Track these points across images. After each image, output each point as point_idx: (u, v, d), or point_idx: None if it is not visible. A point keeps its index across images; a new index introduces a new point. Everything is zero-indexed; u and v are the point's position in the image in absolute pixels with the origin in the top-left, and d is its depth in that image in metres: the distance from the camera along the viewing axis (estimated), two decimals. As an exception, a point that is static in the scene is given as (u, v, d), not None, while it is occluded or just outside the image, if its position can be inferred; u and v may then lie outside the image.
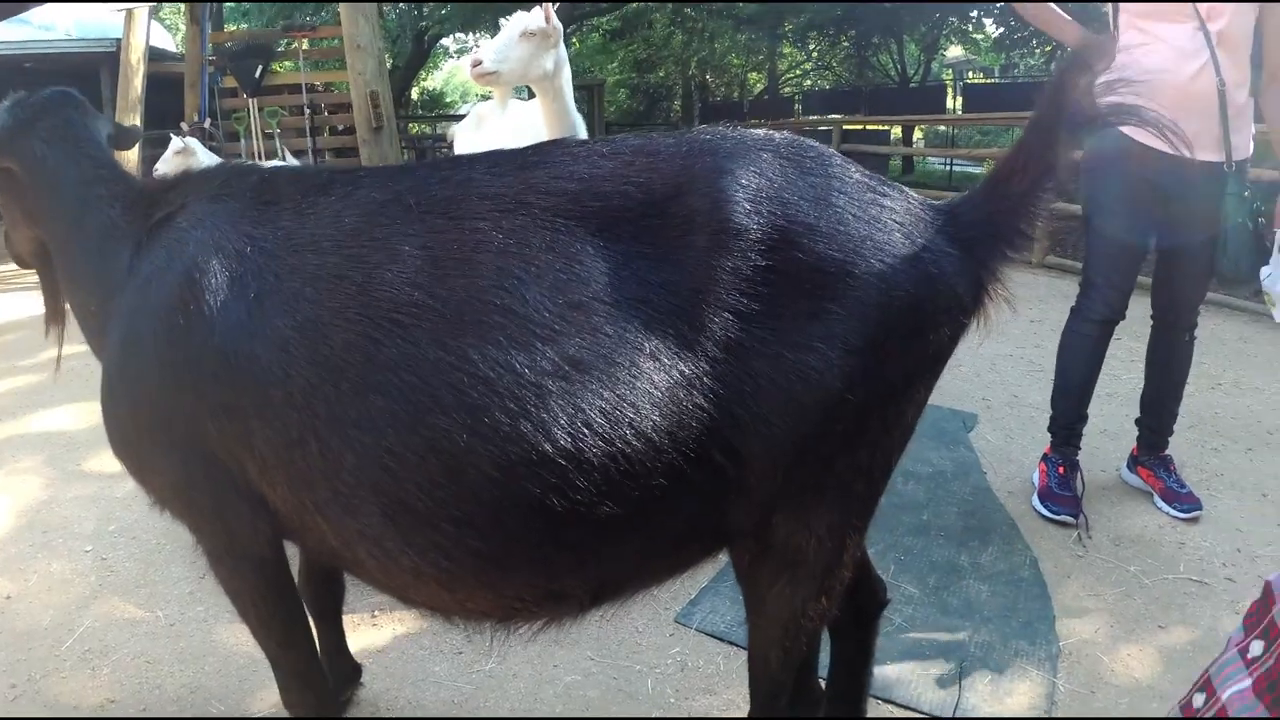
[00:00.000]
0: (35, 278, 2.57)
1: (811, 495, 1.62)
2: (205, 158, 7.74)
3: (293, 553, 1.93)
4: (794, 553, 1.67)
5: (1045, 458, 3.74)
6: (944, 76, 29.91)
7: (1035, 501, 3.66)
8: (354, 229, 1.64)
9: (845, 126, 14.52)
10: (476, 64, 3.77)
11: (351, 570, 1.80)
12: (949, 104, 24.95)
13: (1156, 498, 3.67)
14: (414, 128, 25.35)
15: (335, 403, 1.53)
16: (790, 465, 1.55)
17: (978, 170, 19.36)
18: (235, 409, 1.64)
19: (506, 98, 5.15)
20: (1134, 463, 3.85)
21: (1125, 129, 2.44)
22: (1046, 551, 3.33)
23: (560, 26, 3.70)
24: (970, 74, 30.35)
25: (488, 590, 1.62)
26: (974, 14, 21.26)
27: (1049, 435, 3.76)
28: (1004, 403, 4.79)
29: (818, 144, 1.66)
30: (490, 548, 1.54)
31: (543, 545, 1.54)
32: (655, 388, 1.45)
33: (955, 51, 27.40)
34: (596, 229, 1.53)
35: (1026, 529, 3.50)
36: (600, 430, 1.44)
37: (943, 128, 21.94)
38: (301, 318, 1.58)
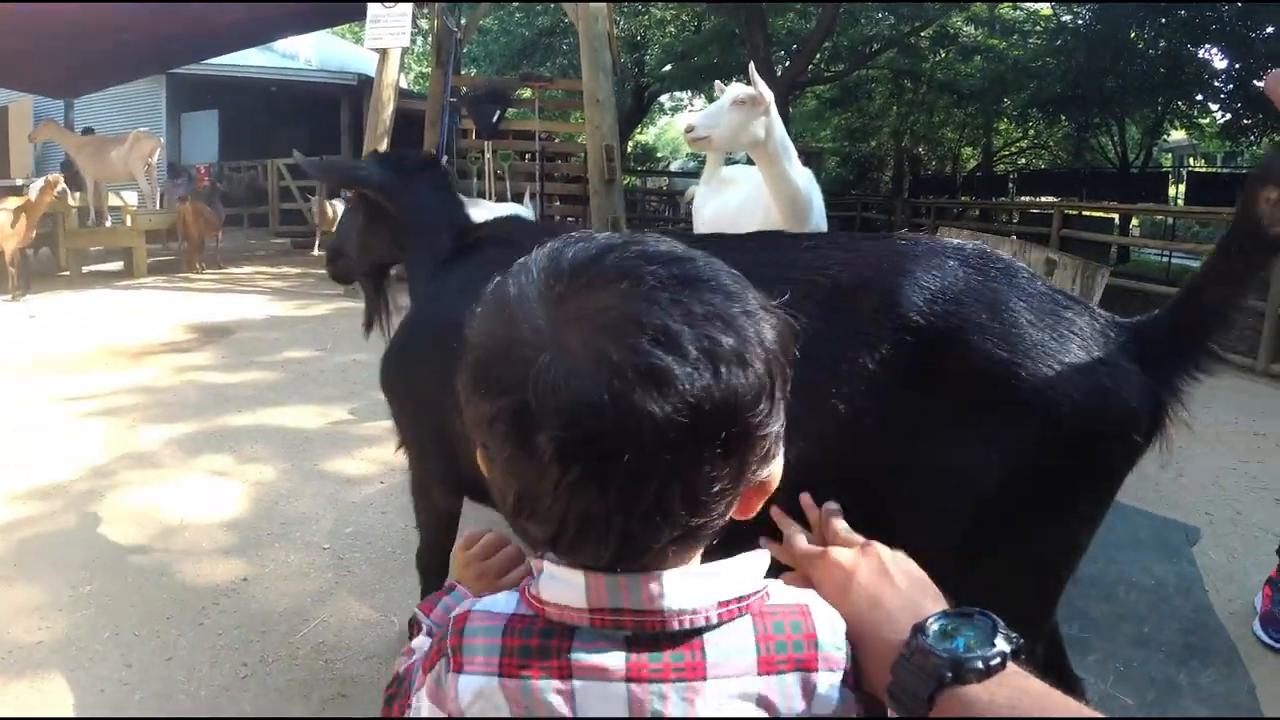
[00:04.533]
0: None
1: (980, 592, 1.64)
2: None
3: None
4: None
5: (1271, 582, 3.50)
6: (1163, 161, 28.67)
7: (1256, 627, 3.43)
8: None
9: (1067, 211, 14.09)
10: (690, 129, 3.94)
11: None
12: (1170, 191, 23.89)
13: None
14: (626, 180, 26.11)
15: None
16: (954, 553, 1.57)
17: (1196, 263, 18.40)
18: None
19: (719, 163, 5.29)
20: None
21: None
22: (1265, 679, 3.13)
23: (770, 95, 3.80)
24: (1192, 160, 28.98)
25: None
26: (1199, 98, 20.36)
27: (1278, 558, 3.53)
28: (1227, 519, 4.51)
29: (1007, 256, 1.71)
30: None
31: None
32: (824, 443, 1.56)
33: (1178, 135, 26.21)
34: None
35: (1246, 654, 3.30)
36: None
37: (1160, 217, 21.00)
38: None
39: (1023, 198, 25.42)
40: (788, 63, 21.89)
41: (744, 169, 4.83)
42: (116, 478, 4.58)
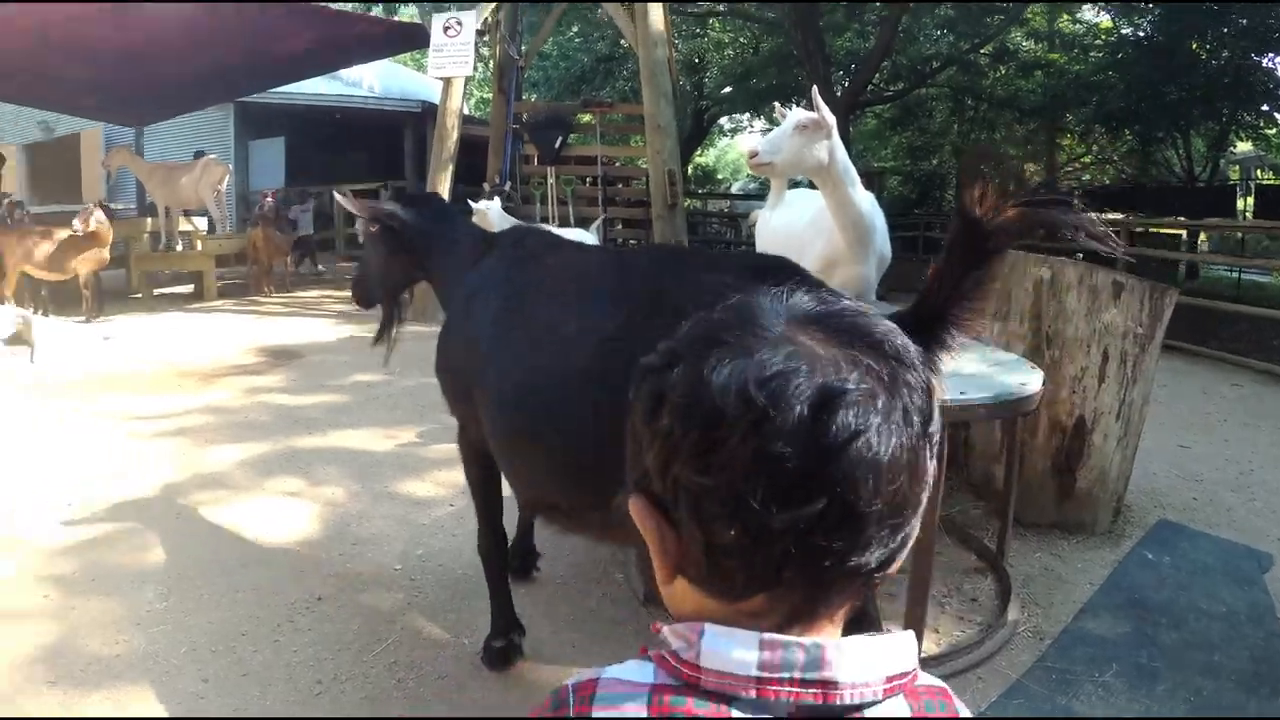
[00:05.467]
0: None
1: None
2: (498, 221, 8.30)
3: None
4: None
5: None
6: (1230, 174, 28.02)
7: None
8: (538, 281, 2.84)
9: (1133, 229, 13.81)
10: (753, 155, 3.91)
11: None
12: (1239, 204, 23.35)
13: None
14: (688, 203, 26.12)
15: None
16: None
17: (1266, 279, 17.94)
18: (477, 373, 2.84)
19: (784, 187, 5.28)
20: None
21: None
22: (1338, 711, 3.06)
23: (832, 119, 3.78)
24: (1260, 172, 28.27)
25: None
26: (1265, 108, 19.88)
27: None
28: (1301, 545, 4.41)
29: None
30: None
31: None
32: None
33: (1245, 147, 25.59)
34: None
35: (1319, 684, 3.23)
36: None
37: (1228, 231, 20.49)
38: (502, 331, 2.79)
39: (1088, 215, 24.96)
40: (847, 83, 21.83)
41: (808, 193, 4.81)
42: (191, 497, 4.70)
